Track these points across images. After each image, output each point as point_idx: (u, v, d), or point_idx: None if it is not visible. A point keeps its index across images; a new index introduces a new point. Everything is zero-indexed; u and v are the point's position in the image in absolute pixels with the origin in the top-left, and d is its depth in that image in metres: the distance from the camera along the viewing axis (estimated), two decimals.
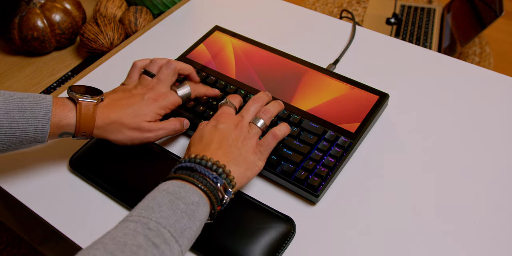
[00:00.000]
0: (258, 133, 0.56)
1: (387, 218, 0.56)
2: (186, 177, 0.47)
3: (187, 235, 0.43)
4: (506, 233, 0.54)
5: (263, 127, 0.56)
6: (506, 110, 0.67)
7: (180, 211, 0.43)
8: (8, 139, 0.50)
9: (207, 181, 0.47)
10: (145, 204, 0.44)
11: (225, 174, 0.49)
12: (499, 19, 1.36)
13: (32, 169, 0.62)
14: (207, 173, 0.48)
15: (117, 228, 0.41)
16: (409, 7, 1.74)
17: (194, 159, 0.49)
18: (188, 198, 0.45)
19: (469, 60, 1.68)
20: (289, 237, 0.54)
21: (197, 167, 0.48)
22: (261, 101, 0.58)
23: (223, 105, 0.58)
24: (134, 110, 0.57)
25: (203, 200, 0.46)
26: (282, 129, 0.56)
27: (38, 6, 0.80)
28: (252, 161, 0.53)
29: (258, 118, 0.56)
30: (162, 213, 0.43)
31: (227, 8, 0.88)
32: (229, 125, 0.54)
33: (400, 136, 0.64)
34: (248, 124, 0.56)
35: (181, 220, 0.43)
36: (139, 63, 0.63)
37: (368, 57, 0.76)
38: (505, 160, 0.61)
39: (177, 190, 0.45)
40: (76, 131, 0.54)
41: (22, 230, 1.04)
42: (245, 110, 0.57)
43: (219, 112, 0.57)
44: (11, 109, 0.50)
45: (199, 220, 0.45)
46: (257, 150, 0.54)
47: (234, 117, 0.56)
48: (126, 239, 0.39)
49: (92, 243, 0.40)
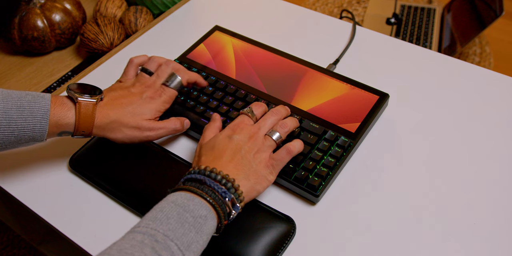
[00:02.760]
0: (273, 146, 0.54)
1: (387, 218, 0.56)
2: (195, 189, 0.47)
3: (194, 249, 0.43)
4: (506, 233, 0.54)
5: (279, 140, 0.55)
6: (506, 110, 0.67)
7: (188, 224, 0.43)
8: (7, 138, 0.50)
9: (216, 195, 0.47)
10: (153, 216, 0.43)
11: (234, 189, 0.48)
12: (499, 19, 1.36)
13: (32, 169, 0.62)
14: (216, 187, 0.47)
15: (124, 239, 0.41)
16: (409, 7, 1.74)
17: (204, 171, 0.48)
18: (197, 212, 0.44)
19: (469, 60, 1.68)
20: (289, 237, 0.54)
21: (207, 180, 0.47)
22: (280, 115, 0.57)
23: (243, 113, 0.57)
24: (133, 109, 0.57)
25: (211, 214, 0.46)
26: (297, 145, 0.55)
27: (38, 6, 0.80)
28: (263, 175, 0.52)
29: (274, 131, 0.55)
30: (170, 225, 0.42)
31: (227, 8, 0.88)
32: (244, 137, 0.53)
33: (400, 136, 0.64)
34: (264, 136, 0.54)
35: (189, 234, 0.43)
36: (136, 60, 0.62)
37: (368, 57, 0.76)
38: (505, 160, 0.61)
39: (185, 202, 0.45)
40: (75, 130, 0.54)
41: (22, 230, 1.04)
42: (263, 121, 0.56)
43: (237, 121, 0.55)
44: (10, 108, 0.50)
45: (206, 234, 0.44)
46: (270, 163, 0.53)
47: (250, 128, 0.54)
48: (133, 251, 0.39)
49: (98, 254, 0.39)
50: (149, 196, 0.57)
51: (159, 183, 0.58)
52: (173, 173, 0.59)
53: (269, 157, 0.53)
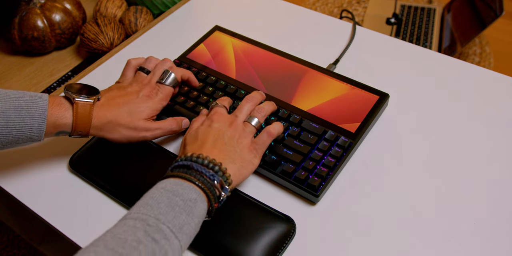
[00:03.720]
0: (253, 131, 0.56)
1: (387, 218, 0.56)
2: (183, 174, 0.47)
3: (186, 231, 0.43)
4: (506, 233, 0.54)
5: (258, 125, 0.56)
6: (506, 110, 0.67)
7: (178, 208, 0.44)
8: (5, 138, 0.51)
9: (204, 178, 0.48)
10: (144, 202, 0.44)
11: (222, 172, 0.49)
12: (499, 19, 1.36)
13: (32, 169, 0.62)
14: (204, 170, 0.48)
15: (117, 226, 0.42)
16: (409, 7, 1.74)
17: (191, 157, 0.49)
18: (186, 195, 0.45)
19: (469, 60, 1.68)
20: (289, 237, 0.54)
21: (194, 165, 0.48)
22: (254, 100, 0.59)
23: (214, 106, 0.58)
24: (130, 109, 0.57)
25: (200, 197, 0.46)
26: (276, 127, 0.57)
27: (38, 6, 0.80)
28: (247, 159, 0.53)
29: (252, 117, 0.56)
30: (160, 209, 0.43)
31: (227, 8, 0.88)
32: (224, 124, 0.55)
33: (400, 136, 0.64)
34: (243, 122, 0.56)
35: (180, 216, 0.43)
36: (134, 61, 0.63)
37: (368, 57, 0.76)
38: (505, 160, 0.61)
39: (174, 187, 0.46)
40: (73, 131, 0.54)
41: (22, 230, 1.04)
42: (239, 109, 0.57)
43: (212, 112, 0.57)
44: (7, 108, 0.50)
45: (197, 216, 0.45)
46: (252, 148, 0.54)
47: (227, 116, 0.56)
48: (126, 236, 0.40)
49: (92, 241, 0.40)
50: None
51: (156, 182, 0.58)
52: None
53: (251, 142, 0.55)
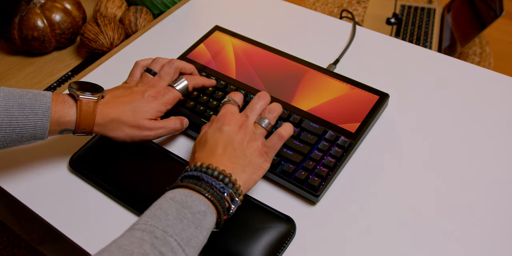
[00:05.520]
0: (263, 133, 0.55)
1: (387, 218, 0.56)
2: (193, 186, 0.47)
3: (194, 244, 0.43)
4: (506, 233, 0.54)
5: (269, 127, 0.55)
6: (506, 110, 0.67)
7: (186, 220, 0.43)
8: (8, 136, 0.51)
9: (214, 190, 0.47)
10: (152, 213, 0.43)
11: (232, 184, 0.48)
12: (499, 19, 1.36)
13: (32, 169, 0.62)
14: (214, 182, 0.47)
15: (124, 237, 0.41)
16: (409, 7, 1.74)
17: (200, 168, 0.48)
18: (195, 207, 0.44)
19: (469, 60, 1.68)
20: (289, 237, 0.54)
21: (204, 176, 0.47)
22: (266, 99, 0.57)
23: (226, 103, 0.57)
24: (134, 108, 0.57)
25: (210, 209, 0.46)
26: (288, 129, 0.55)
27: (38, 6, 0.80)
28: (257, 164, 0.52)
29: (263, 118, 0.55)
30: (168, 221, 0.42)
31: (227, 8, 0.88)
32: (234, 127, 0.53)
33: (400, 136, 0.64)
34: (253, 124, 0.55)
35: (188, 229, 0.43)
36: (142, 62, 0.63)
37: (368, 57, 0.76)
38: (505, 160, 0.61)
39: (184, 199, 0.45)
40: (76, 128, 0.54)
41: (22, 230, 1.04)
42: (250, 108, 0.56)
43: (222, 112, 0.55)
44: (11, 106, 0.50)
45: (205, 229, 0.44)
46: (263, 151, 0.53)
47: (238, 117, 0.55)
48: (133, 248, 0.39)
49: (98, 251, 0.39)
50: (149, 196, 0.57)
51: (159, 183, 0.58)
52: (173, 173, 0.59)
53: (262, 145, 0.53)
